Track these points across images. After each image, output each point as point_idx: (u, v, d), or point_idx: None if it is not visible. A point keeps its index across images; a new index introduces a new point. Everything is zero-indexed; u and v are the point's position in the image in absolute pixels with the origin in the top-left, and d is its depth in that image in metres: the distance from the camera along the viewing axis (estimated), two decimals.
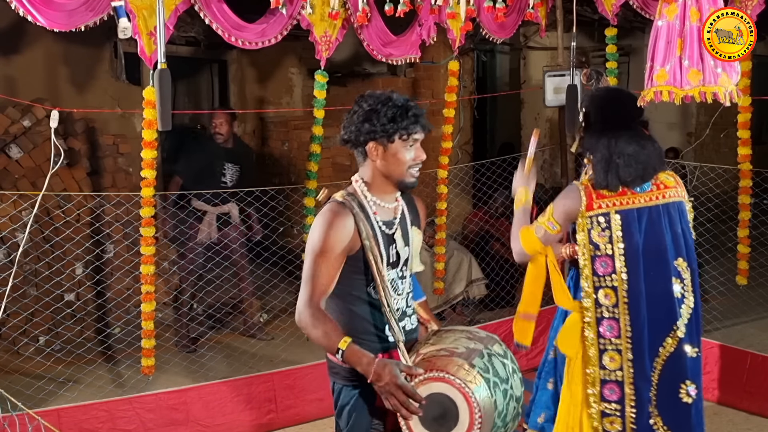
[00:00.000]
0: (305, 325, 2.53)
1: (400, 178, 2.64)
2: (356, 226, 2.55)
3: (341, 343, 2.45)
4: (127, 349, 5.76)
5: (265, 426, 4.74)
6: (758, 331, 6.04)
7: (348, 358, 2.45)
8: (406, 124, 2.59)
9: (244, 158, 6.27)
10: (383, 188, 2.67)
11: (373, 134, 2.59)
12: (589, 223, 2.98)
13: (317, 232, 2.56)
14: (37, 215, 4.57)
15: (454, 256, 6.65)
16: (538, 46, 8.16)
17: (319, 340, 2.53)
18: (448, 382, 2.36)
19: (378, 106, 2.61)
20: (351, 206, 2.58)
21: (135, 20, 4.13)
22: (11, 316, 5.55)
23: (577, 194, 3.03)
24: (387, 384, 2.37)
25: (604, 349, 2.98)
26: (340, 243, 2.54)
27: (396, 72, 8.19)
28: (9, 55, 6.32)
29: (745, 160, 5.38)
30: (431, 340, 2.60)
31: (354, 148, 2.68)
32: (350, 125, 2.65)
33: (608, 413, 2.98)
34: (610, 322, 2.96)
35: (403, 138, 2.60)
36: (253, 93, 8.63)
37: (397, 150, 2.61)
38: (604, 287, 2.97)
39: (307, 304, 2.52)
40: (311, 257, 2.55)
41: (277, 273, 6.39)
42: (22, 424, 3.70)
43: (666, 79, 3.34)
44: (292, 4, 4.62)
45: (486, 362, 2.46)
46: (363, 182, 2.67)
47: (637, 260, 2.95)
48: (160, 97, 3.87)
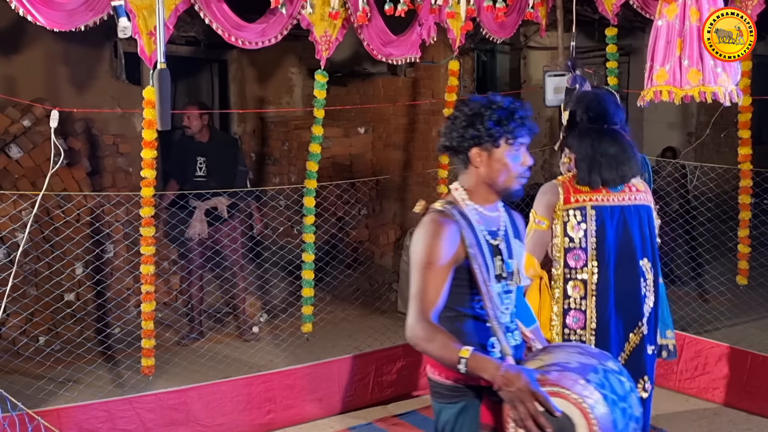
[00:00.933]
0: (419, 340, 2.37)
1: (505, 186, 2.51)
2: (461, 235, 2.44)
3: (462, 352, 2.28)
4: (127, 349, 5.76)
5: (264, 426, 4.73)
6: (758, 331, 6.04)
7: (472, 366, 2.27)
8: (513, 128, 2.46)
9: (220, 150, 6.16)
10: (486, 196, 2.54)
11: (477, 139, 2.47)
12: (566, 215, 3.07)
13: (423, 243, 2.44)
14: (37, 215, 4.57)
15: None
16: (538, 46, 8.15)
17: (436, 354, 2.36)
18: (564, 397, 2.19)
19: (482, 109, 2.47)
20: (453, 215, 2.46)
21: (135, 20, 4.13)
22: (11, 316, 5.56)
23: (555, 189, 3.14)
24: (519, 390, 2.17)
25: (568, 339, 3.06)
26: (447, 254, 2.42)
27: (396, 72, 8.19)
28: (9, 55, 6.33)
29: (745, 159, 5.38)
30: (539, 356, 2.46)
31: (455, 155, 2.55)
32: (452, 131, 2.52)
33: None
34: (576, 313, 3.05)
35: (509, 142, 2.47)
36: (253, 93, 8.63)
37: (502, 155, 2.47)
38: (573, 279, 3.06)
39: (418, 319, 2.37)
40: (419, 270, 2.42)
41: (277, 273, 6.39)
42: (22, 424, 3.69)
43: (666, 79, 3.34)
44: (292, 3, 4.62)
45: (602, 378, 2.28)
46: (464, 190, 2.54)
47: (609, 256, 3.05)
48: (159, 96, 3.86)
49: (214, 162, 6.05)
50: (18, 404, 3.65)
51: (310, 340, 5.54)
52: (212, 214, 6.02)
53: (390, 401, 5.13)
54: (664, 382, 5.31)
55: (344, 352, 5.50)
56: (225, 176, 6.03)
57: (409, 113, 8.15)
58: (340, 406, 4.97)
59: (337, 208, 7.62)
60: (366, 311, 6.78)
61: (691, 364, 5.16)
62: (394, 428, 4.82)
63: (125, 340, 5.87)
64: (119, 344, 5.87)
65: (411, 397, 5.16)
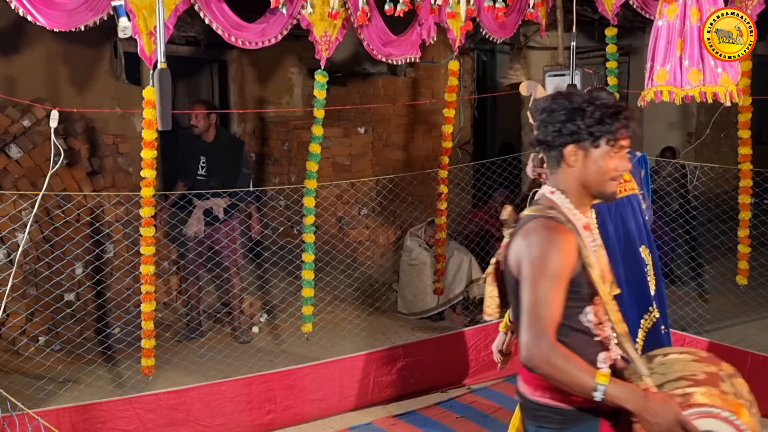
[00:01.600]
0: (542, 362, 2.12)
1: (599, 189, 2.34)
2: (578, 243, 2.25)
3: (600, 378, 2.08)
4: (127, 349, 5.75)
5: (264, 426, 4.73)
6: (758, 331, 6.04)
7: (612, 395, 2.07)
8: (616, 128, 2.29)
9: (223, 150, 6.14)
10: (580, 199, 2.36)
11: (575, 136, 2.30)
12: None
13: (541, 253, 2.20)
14: (36, 215, 4.57)
15: (454, 256, 6.65)
16: (538, 46, 8.15)
17: (564, 379, 2.12)
18: (715, 416, 2.08)
19: (584, 104, 2.29)
20: (565, 222, 2.27)
21: (135, 20, 4.13)
22: (11, 316, 5.55)
23: None
24: (666, 422, 2.03)
25: None
26: (569, 264, 2.22)
27: (396, 72, 8.20)
28: (9, 55, 6.33)
29: (745, 160, 5.38)
30: (654, 369, 2.28)
31: (548, 151, 2.37)
32: (548, 124, 2.34)
33: None
34: None
35: (609, 143, 2.29)
36: (253, 93, 8.63)
37: (600, 156, 2.30)
38: None
39: (540, 338, 2.13)
40: (538, 283, 2.18)
41: (278, 273, 6.39)
42: (22, 424, 3.70)
43: (666, 79, 3.34)
44: (292, 3, 4.62)
45: (731, 386, 2.19)
46: (561, 193, 2.35)
47: (614, 249, 3.05)
48: (159, 96, 3.87)
49: (215, 161, 6.05)
50: (18, 404, 3.65)
51: (310, 340, 5.54)
52: (211, 213, 6.02)
53: (390, 401, 5.13)
54: None
55: (344, 352, 5.50)
56: (225, 176, 6.03)
57: (409, 113, 8.15)
58: (339, 406, 4.97)
59: (337, 208, 7.62)
60: (366, 311, 6.78)
61: None
62: (394, 428, 4.82)
63: (125, 340, 5.87)
64: (119, 344, 5.87)
65: (411, 397, 5.16)
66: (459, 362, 5.39)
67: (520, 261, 2.26)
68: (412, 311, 6.72)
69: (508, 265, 2.36)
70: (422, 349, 5.29)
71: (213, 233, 6.03)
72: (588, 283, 2.27)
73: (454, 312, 6.75)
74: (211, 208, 5.99)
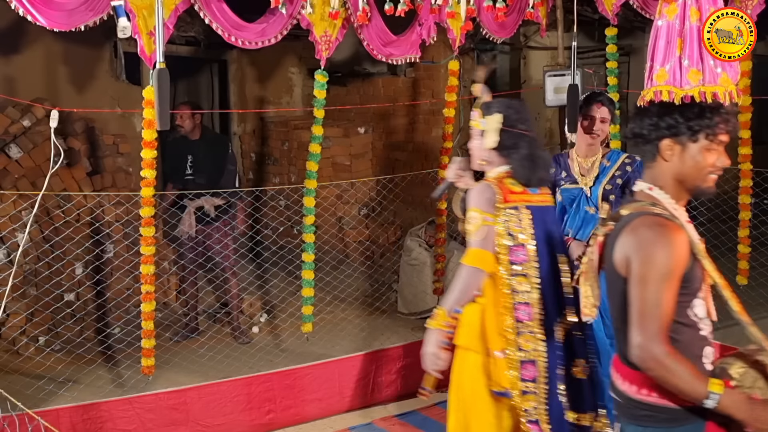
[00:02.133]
0: (656, 365, 2.10)
1: (695, 184, 2.30)
2: (690, 240, 2.22)
3: (714, 387, 2.08)
4: (127, 349, 5.75)
5: (264, 426, 4.74)
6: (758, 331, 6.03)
7: (726, 405, 2.07)
8: (716, 122, 2.26)
9: (208, 148, 6.13)
10: (678, 194, 2.32)
11: (672, 130, 2.26)
12: (506, 214, 3.13)
13: (652, 252, 2.15)
14: (36, 215, 4.58)
15: (454, 256, 6.65)
16: (538, 46, 8.16)
17: (677, 384, 2.11)
18: None
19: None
20: (671, 217, 2.22)
21: (135, 20, 4.13)
22: (11, 316, 5.55)
23: (492, 189, 3.17)
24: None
25: (520, 332, 3.11)
26: (681, 261, 2.18)
27: (396, 72, 8.20)
28: (9, 55, 6.33)
29: (745, 160, 5.38)
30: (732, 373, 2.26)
31: (643, 145, 2.34)
32: (645, 116, 2.32)
33: (527, 392, 3.11)
34: (524, 307, 3.12)
35: (709, 138, 2.25)
36: (253, 93, 8.63)
37: (698, 151, 2.26)
38: (518, 275, 3.13)
39: (654, 340, 2.10)
40: (651, 283, 2.13)
41: (277, 273, 6.39)
42: (22, 424, 3.70)
43: (666, 79, 3.33)
44: (292, 3, 4.62)
45: None
46: (660, 189, 2.31)
47: (542, 252, 3.16)
48: (158, 96, 3.86)
49: (201, 160, 6.05)
50: (18, 404, 3.66)
51: (310, 340, 5.54)
52: (202, 210, 6.03)
53: (390, 401, 5.13)
54: None
55: (344, 352, 5.50)
56: (212, 174, 6.02)
57: (409, 113, 8.15)
58: (339, 406, 4.97)
59: (337, 208, 7.62)
60: (366, 311, 6.78)
61: None
62: (394, 428, 4.82)
63: (125, 340, 5.87)
64: (119, 344, 5.87)
65: (411, 397, 5.16)
66: None
67: (628, 259, 2.21)
68: (412, 311, 6.72)
69: (613, 264, 2.29)
70: None
71: (206, 232, 6.02)
72: (697, 277, 2.23)
73: None
74: (203, 206, 6.00)
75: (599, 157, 4.21)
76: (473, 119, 3.33)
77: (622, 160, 4.19)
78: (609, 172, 4.17)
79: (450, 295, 3.12)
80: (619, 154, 4.27)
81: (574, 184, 4.18)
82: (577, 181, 4.18)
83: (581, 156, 4.22)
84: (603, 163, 4.19)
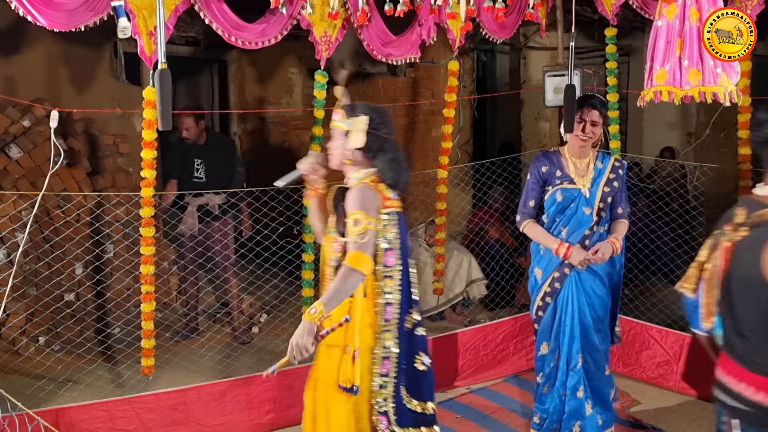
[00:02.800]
0: None
1: None
2: None
3: None
4: (127, 349, 5.76)
5: (264, 426, 4.74)
6: None
7: None
8: None
9: (217, 153, 6.20)
10: None
11: None
12: (385, 219, 3.16)
13: None
14: (36, 215, 4.57)
15: (454, 256, 6.66)
16: (538, 46, 8.16)
17: None
18: None
19: None
20: None
21: (135, 20, 4.14)
22: (11, 316, 5.56)
23: (373, 192, 3.18)
24: None
25: (385, 330, 3.18)
26: None
27: (396, 72, 8.20)
28: (9, 55, 6.33)
29: (745, 160, 5.39)
30: None
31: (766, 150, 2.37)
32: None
33: (383, 386, 3.18)
34: (390, 307, 3.19)
35: None
36: (253, 93, 8.64)
37: None
38: (387, 276, 3.19)
39: None
40: None
41: (277, 273, 6.38)
42: (22, 424, 3.70)
43: (666, 79, 3.34)
44: (292, 3, 4.62)
45: None
46: None
47: (404, 255, 3.23)
48: (160, 97, 3.86)
49: (211, 164, 6.08)
50: (18, 404, 3.66)
51: None
52: (204, 209, 6.04)
53: None
54: (664, 381, 5.32)
55: None
56: (222, 178, 6.06)
57: (409, 113, 8.15)
58: None
59: None
60: None
61: (691, 364, 5.16)
62: None
63: (125, 340, 5.88)
64: (119, 344, 5.87)
65: None
66: (458, 362, 5.40)
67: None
68: None
69: (759, 270, 2.27)
70: None
71: (207, 231, 6.03)
72: None
73: (453, 312, 6.75)
74: (205, 204, 6.01)
75: (592, 159, 4.23)
76: (335, 120, 3.36)
77: (612, 163, 4.23)
78: (604, 174, 4.20)
79: (329, 294, 3.09)
80: (607, 156, 4.30)
81: (571, 184, 4.18)
82: (574, 181, 4.18)
83: (575, 156, 4.22)
84: (597, 165, 4.22)
